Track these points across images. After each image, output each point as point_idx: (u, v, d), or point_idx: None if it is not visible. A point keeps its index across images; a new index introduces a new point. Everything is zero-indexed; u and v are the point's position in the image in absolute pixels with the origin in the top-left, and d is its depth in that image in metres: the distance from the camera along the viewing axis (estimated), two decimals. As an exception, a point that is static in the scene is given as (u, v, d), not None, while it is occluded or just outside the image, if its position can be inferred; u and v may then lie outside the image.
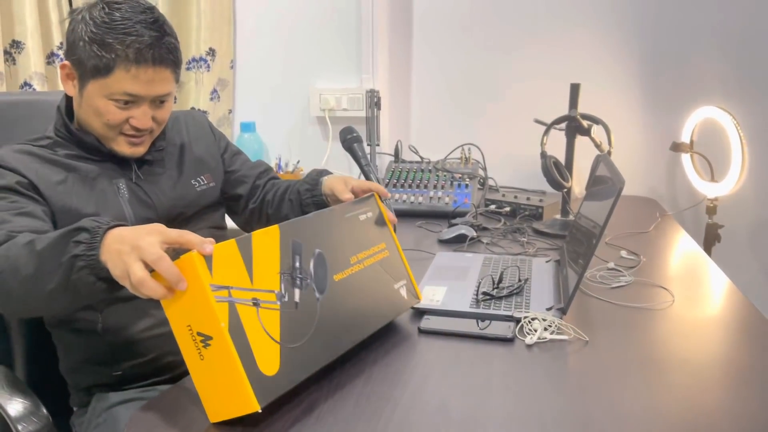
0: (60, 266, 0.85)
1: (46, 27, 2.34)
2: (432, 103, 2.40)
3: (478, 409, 0.84)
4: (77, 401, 1.22)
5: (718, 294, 1.31)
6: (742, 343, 1.06)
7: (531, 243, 1.62)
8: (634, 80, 2.19)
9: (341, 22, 2.30)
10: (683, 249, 1.62)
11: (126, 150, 1.18)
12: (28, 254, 0.88)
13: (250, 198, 1.43)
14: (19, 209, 1.04)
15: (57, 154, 1.16)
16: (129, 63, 1.08)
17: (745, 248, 2.13)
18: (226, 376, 0.76)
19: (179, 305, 0.77)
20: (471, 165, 2.09)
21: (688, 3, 2.09)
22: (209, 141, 1.40)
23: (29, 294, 0.90)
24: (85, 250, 0.83)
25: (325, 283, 0.93)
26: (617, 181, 1.06)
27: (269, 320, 0.81)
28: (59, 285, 0.85)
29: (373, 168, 1.43)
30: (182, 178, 1.30)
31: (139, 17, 1.09)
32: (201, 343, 0.76)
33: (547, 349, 1.01)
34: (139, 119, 1.14)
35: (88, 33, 1.08)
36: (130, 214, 1.18)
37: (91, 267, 0.83)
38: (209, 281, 0.76)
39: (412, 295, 1.12)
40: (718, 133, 2.02)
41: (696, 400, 0.87)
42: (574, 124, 1.71)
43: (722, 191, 2.00)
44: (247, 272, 0.82)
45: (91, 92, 1.12)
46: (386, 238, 1.12)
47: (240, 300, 0.78)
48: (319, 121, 2.38)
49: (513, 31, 2.26)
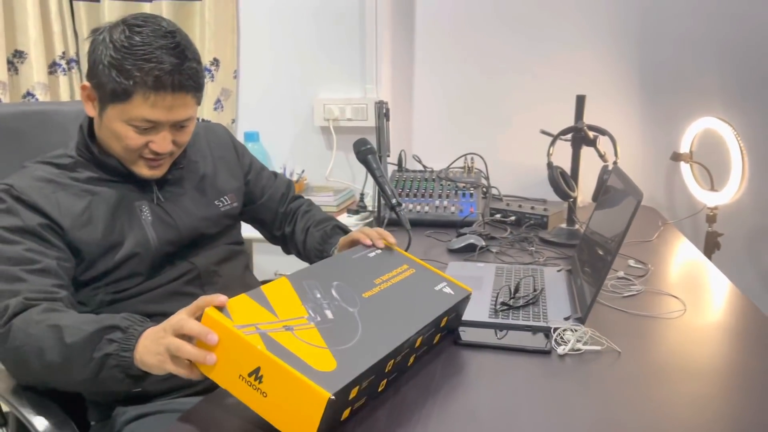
0: (91, 361, 0.90)
1: (49, 37, 2.35)
2: (434, 113, 2.42)
3: (511, 420, 0.86)
4: (95, 416, 1.22)
5: (727, 302, 1.33)
6: (757, 350, 1.09)
7: (539, 252, 1.64)
8: (635, 91, 2.23)
9: (344, 33, 2.32)
10: (687, 257, 1.65)
11: (145, 172, 1.17)
12: (56, 343, 0.93)
13: (273, 226, 1.50)
14: (36, 264, 1.03)
15: (79, 177, 1.15)
16: (148, 90, 1.06)
17: (743, 256, 2.17)
18: (289, 389, 0.76)
19: (219, 365, 0.80)
20: (474, 174, 2.12)
21: (687, 17, 2.13)
22: (232, 160, 1.40)
23: (52, 377, 0.97)
24: (118, 350, 0.89)
25: (355, 300, 0.95)
26: (635, 194, 1.09)
27: (309, 336, 0.83)
28: (87, 379, 0.92)
29: (387, 179, 1.45)
30: (205, 199, 1.29)
31: (159, 42, 1.06)
32: (256, 381, 0.77)
33: (578, 360, 1.03)
34: (158, 144, 1.12)
35: (108, 57, 1.06)
36: (153, 238, 1.18)
37: (123, 366, 0.89)
38: (233, 324, 0.79)
39: (459, 290, 1.12)
40: (717, 143, 2.06)
41: (722, 408, 0.90)
42: (580, 135, 1.73)
43: (722, 200, 2.04)
44: (268, 312, 0.85)
45: (111, 116, 1.10)
46: (406, 261, 1.15)
47: (270, 330, 0.81)
48: (323, 130, 2.40)
49: (514, 42, 2.29)
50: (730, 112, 2.07)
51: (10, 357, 0.99)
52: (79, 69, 2.48)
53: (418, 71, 2.41)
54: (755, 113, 2.07)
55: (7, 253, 1.03)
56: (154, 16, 1.12)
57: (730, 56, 2.10)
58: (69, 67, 2.43)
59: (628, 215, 1.09)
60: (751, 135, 2.04)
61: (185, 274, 1.22)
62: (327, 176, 2.36)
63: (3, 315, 0.98)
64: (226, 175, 1.36)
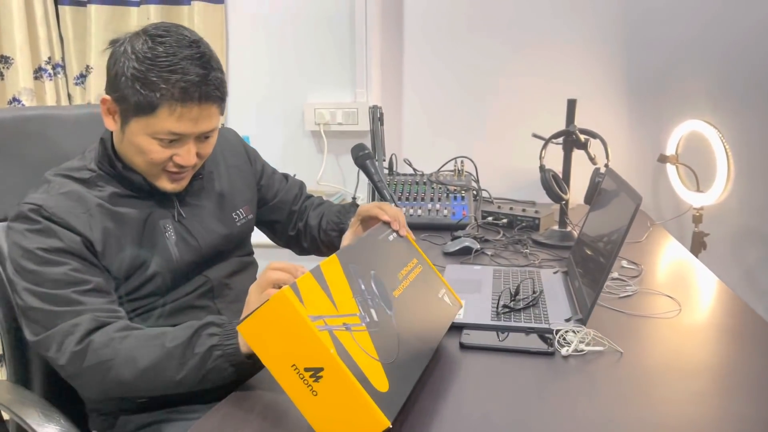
0: (194, 357, 0.94)
1: (35, 42, 2.32)
2: (424, 117, 2.44)
3: (525, 422, 0.88)
4: (98, 425, 1.21)
5: (720, 300, 1.37)
6: (752, 348, 1.12)
7: (534, 254, 1.67)
8: (621, 95, 2.27)
9: (334, 37, 2.32)
10: (677, 257, 1.69)
11: (168, 186, 1.15)
12: (154, 349, 0.96)
13: (287, 225, 1.48)
14: (87, 285, 1.03)
15: (102, 195, 1.12)
16: (174, 102, 1.03)
17: (728, 255, 2.22)
18: (347, 402, 0.74)
19: (278, 348, 0.76)
20: (464, 177, 2.14)
21: (673, 21, 2.17)
22: (245, 167, 1.39)
23: (148, 383, 0.97)
24: (222, 340, 0.93)
25: (390, 300, 0.94)
26: (634, 198, 1.11)
27: (363, 341, 0.81)
28: (188, 377, 0.95)
29: (385, 184, 1.46)
30: (223, 214, 1.28)
31: (184, 52, 1.04)
32: (311, 379, 0.75)
33: (582, 360, 1.05)
34: (183, 157, 1.10)
35: (131, 69, 1.03)
36: (176, 257, 1.17)
37: (228, 354, 0.92)
38: (307, 313, 0.75)
39: (454, 301, 1.15)
40: (703, 145, 2.11)
41: (725, 405, 0.92)
42: (571, 138, 1.76)
43: (708, 201, 2.08)
44: (329, 301, 0.81)
45: (134, 130, 1.07)
46: (416, 255, 1.16)
47: (335, 327, 0.77)
48: (313, 135, 2.40)
49: (502, 46, 2.31)
50: (716, 114, 2.12)
51: (90, 373, 0.98)
52: (65, 74, 2.45)
53: (407, 75, 2.42)
54: (740, 116, 2.12)
55: (52, 275, 1.01)
56: (175, 26, 1.09)
57: (715, 60, 2.14)
58: (55, 72, 2.41)
59: (627, 218, 1.11)
60: (736, 137, 2.09)
61: (199, 288, 1.22)
62: (318, 180, 2.37)
63: (73, 333, 0.98)
64: (240, 185, 1.35)
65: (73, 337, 0.97)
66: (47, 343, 1.00)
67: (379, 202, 1.24)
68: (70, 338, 0.98)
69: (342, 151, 2.39)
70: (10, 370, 1.25)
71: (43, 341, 1.00)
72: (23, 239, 1.04)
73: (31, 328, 1.02)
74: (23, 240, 1.04)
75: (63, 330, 0.99)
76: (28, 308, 1.02)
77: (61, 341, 0.98)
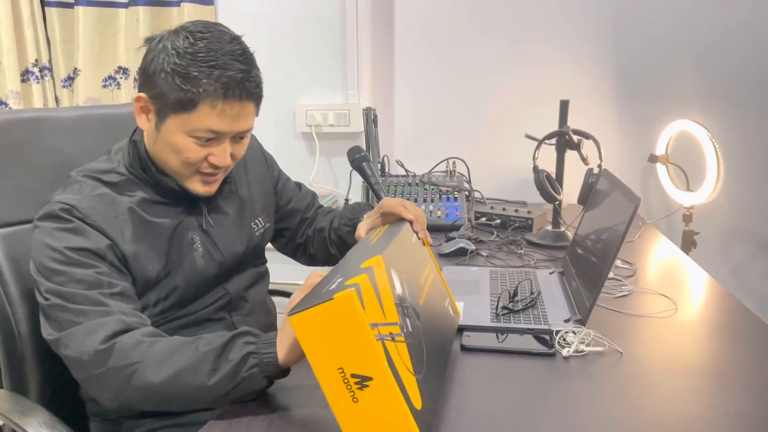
0: (228, 362, 0.89)
1: (22, 45, 2.30)
2: (415, 118, 2.44)
3: (531, 423, 0.88)
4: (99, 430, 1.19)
5: (714, 299, 1.38)
6: (748, 345, 1.13)
7: (528, 255, 1.68)
8: (611, 96, 2.29)
9: (325, 39, 2.32)
10: (670, 256, 1.71)
11: (199, 189, 1.12)
12: (186, 354, 0.92)
13: (297, 232, 1.45)
14: (114, 288, 1.00)
15: (132, 201, 1.09)
16: (216, 98, 1.00)
17: (717, 253, 2.24)
18: (387, 417, 0.73)
19: (328, 348, 0.73)
20: (456, 178, 2.15)
21: (661, 21, 2.20)
22: (264, 173, 1.36)
23: (175, 386, 0.91)
24: (259, 348, 0.90)
25: (418, 309, 0.92)
26: (632, 199, 1.12)
27: (403, 353, 0.78)
28: (218, 385, 0.89)
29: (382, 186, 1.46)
30: (243, 223, 1.26)
31: (226, 47, 1.02)
32: (356, 386, 0.73)
33: (583, 361, 1.06)
34: (218, 157, 1.07)
35: (171, 64, 1.00)
36: (201, 269, 1.15)
37: (264, 364, 0.89)
38: (368, 320, 0.72)
39: (454, 312, 1.15)
40: (693, 145, 2.13)
41: (724, 403, 0.93)
42: (564, 138, 1.77)
43: (698, 200, 2.10)
44: (380, 307, 0.78)
45: (171, 128, 1.04)
46: (429, 260, 1.14)
47: (385, 336, 0.75)
48: (305, 136, 2.40)
49: (491, 47, 2.33)
50: (705, 114, 2.15)
51: (113, 374, 0.93)
52: (52, 77, 2.43)
53: (398, 76, 2.43)
54: (729, 115, 2.14)
55: (79, 276, 0.98)
56: (214, 23, 1.07)
57: (704, 60, 2.17)
58: (42, 74, 2.38)
59: (624, 219, 1.12)
60: (725, 136, 2.11)
61: (217, 301, 1.20)
62: (310, 182, 2.36)
63: (97, 332, 0.93)
64: (259, 192, 1.32)
65: (97, 336, 0.93)
66: (68, 341, 0.95)
67: (402, 200, 1.21)
68: (93, 336, 0.93)
69: (334, 152, 2.39)
70: (6, 377, 1.23)
71: (63, 338, 0.96)
72: (51, 238, 1.00)
73: (52, 325, 0.98)
74: (51, 239, 1.00)
75: (87, 328, 0.95)
76: (50, 306, 0.98)
77: (83, 339, 0.94)
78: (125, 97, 2.43)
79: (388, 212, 1.21)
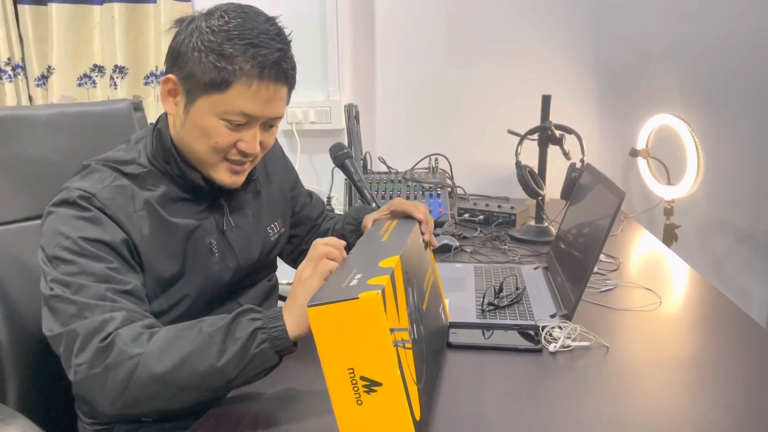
0: (237, 341, 0.85)
1: (-7, 42, 2.24)
2: (397, 114, 2.43)
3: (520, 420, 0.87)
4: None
5: (697, 291, 1.39)
6: (732, 336, 1.13)
7: (513, 250, 1.67)
8: (593, 90, 2.30)
9: (305, 35, 2.29)
10: (652, 250, 1.72)
11: (226, 179, 1.06)
12: (189, 335, 0.87)
13: (304, 239, 1.42)
14: (125, 285, 0.94)
15: (153, 196, 1.03)
16: (251, 77, 0.96)
17: (698, 246, 2.26)
18: (390, 425, 0.71)
19: (342, 346, 0.71)
20: (438, 174, 2.14)
21: (642, 15, 2.20)
22: (284, 176, 1.33)
23: (186, 371, 0.85)
24: (266, 323, 0.85)
25: (421, 315, 0.90)
26: (616, 194, 1.12)
27: (409, 361, 0.76)
28: (227, 365, 0.85)
29: (365, 183, 1.44)
30: (260, 226, 1.22)
31: (262, 26, 0.98)
32: (363, 389, 0.71)
33: (569, 356, 1.06)
34: (248, 143, 1.02)
35: (205, 42, 0.96)
36: (216, 276, 1.10)
37: (274, 338, 0.85)
38: (389, 325, 0.70)
39: (445, 317, 1.13)
40: (673, 138, 2.15)
41: (713, 395, 0.93)
42: (546, 134, 1.77)
43: (679, 194, 2.12)
44: (396, 311, 0.76)
45: (201, 109, 0.99)
46: (430, 263, 1.12)
47: (399, 342, 0.73)
48: (286, 134, 2.37)
49: (473, 43, 2.32)
50: (685, 108, 2.16)
51: (113, 372, 0.86)
52: (26, 75, 2.37)
53: (380, 73, 2.41)
54: (709, 110, 2.16)
55: (90, 268, 0.92)
56: (248, 5, 1.02)
57: (684, 54, 2.18)
58: (15, 73, 2.33)
59: (608, 214, 1.12)
60: (705, 130, 2.13)
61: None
62: (292, 180, 2.34)
63: (102, 329, 0.87)
64: (278, 195, 1.29)
65: (99, 334, 0.87)
66: (70, 338, 0.88)
67: (413, 201, 1.18)
68: (96, 335, 0.87)
69: (315, 150, 2.37)
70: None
71: (65, 334, 0.89)
72: (66, 226, 0.94)
73: (55, 318, 0.91)
74: (65, 227, 0.94)
75: (91, 325, 0.88)
76: (54, 296, 0.91)
77: (85, 338, 0.87)
78: (101, 96, 2.38)
79: (399, 210, 1.19)
